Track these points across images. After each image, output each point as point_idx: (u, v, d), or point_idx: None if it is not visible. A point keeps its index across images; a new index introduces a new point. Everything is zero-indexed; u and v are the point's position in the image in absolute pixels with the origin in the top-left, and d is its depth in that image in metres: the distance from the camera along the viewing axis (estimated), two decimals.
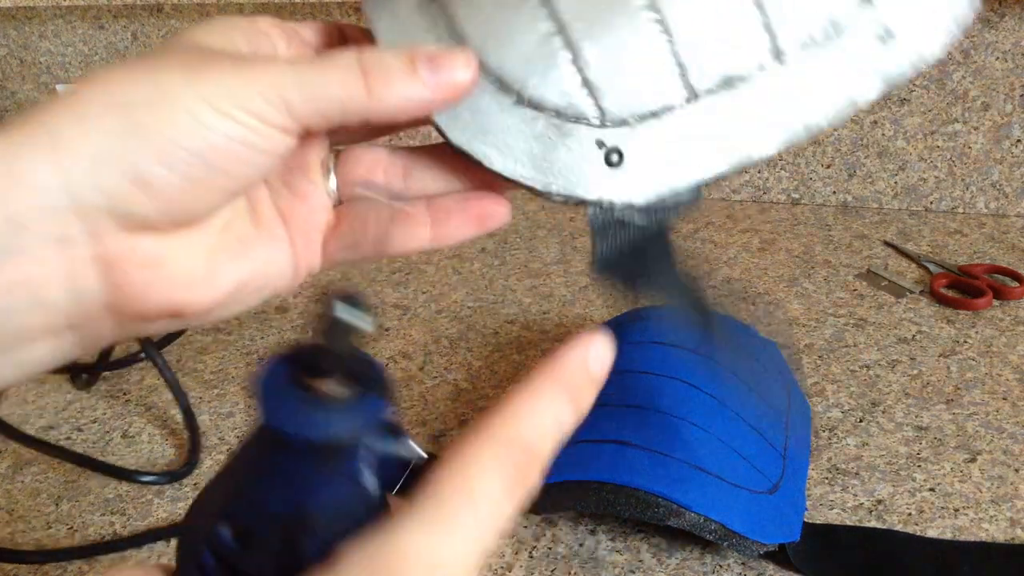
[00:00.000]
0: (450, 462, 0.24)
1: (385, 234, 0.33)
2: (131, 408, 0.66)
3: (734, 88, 0.31)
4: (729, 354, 0.57)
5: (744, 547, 0.46)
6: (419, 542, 0.22)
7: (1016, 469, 0.55)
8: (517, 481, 0.24)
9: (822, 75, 0.31)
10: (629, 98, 0.31)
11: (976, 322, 0.72)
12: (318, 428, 0.23)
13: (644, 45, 0.30)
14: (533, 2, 0.31)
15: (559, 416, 0.26)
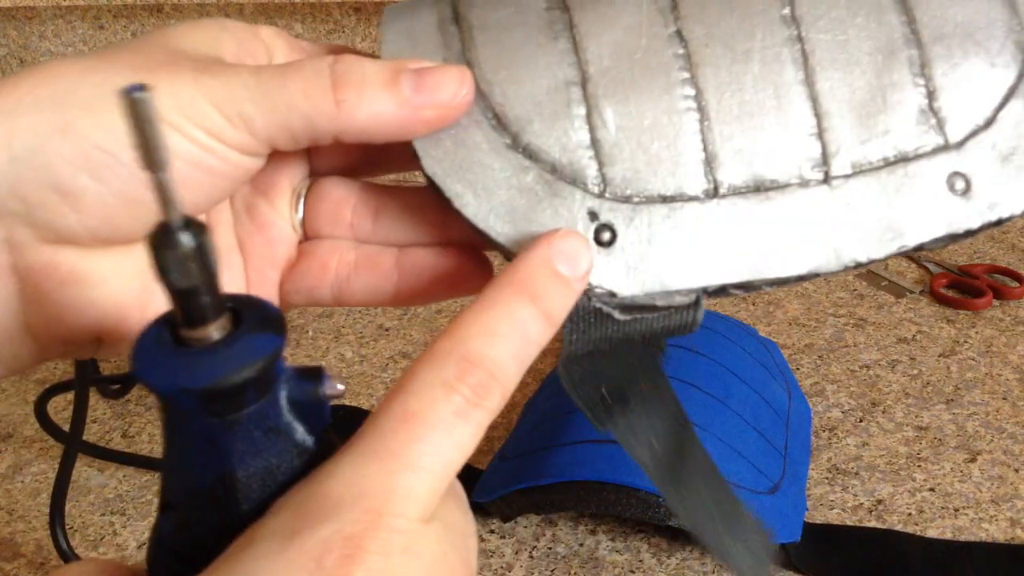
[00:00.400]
0: (394, 389, 0.22)
1: (346, 282, 0.29)
2: (131, 408, 0.66)
3: (766, 195, 0.27)
4: (728, 360, 0.57)
5: None
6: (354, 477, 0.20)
7: (1016, 469, 0.55)
8: (470, 401, 0.21)
9: (872, 206, 0.27)
10: (639, 174, 0.27)
11: (976, 322, 0.72)
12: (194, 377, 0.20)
13: (672, 120, 0.27)
14: (564, 44, 0.27)
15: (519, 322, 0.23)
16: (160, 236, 0.19)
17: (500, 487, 0.49)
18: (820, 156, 0.27)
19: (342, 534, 0.19)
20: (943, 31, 0.27)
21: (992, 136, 0.27)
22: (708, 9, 0.27)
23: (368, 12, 0.92)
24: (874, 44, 0.27)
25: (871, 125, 0.27)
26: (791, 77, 0.27)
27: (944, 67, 0.27)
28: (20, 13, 1.16)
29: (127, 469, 0.59)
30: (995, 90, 0.27)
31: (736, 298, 0.77)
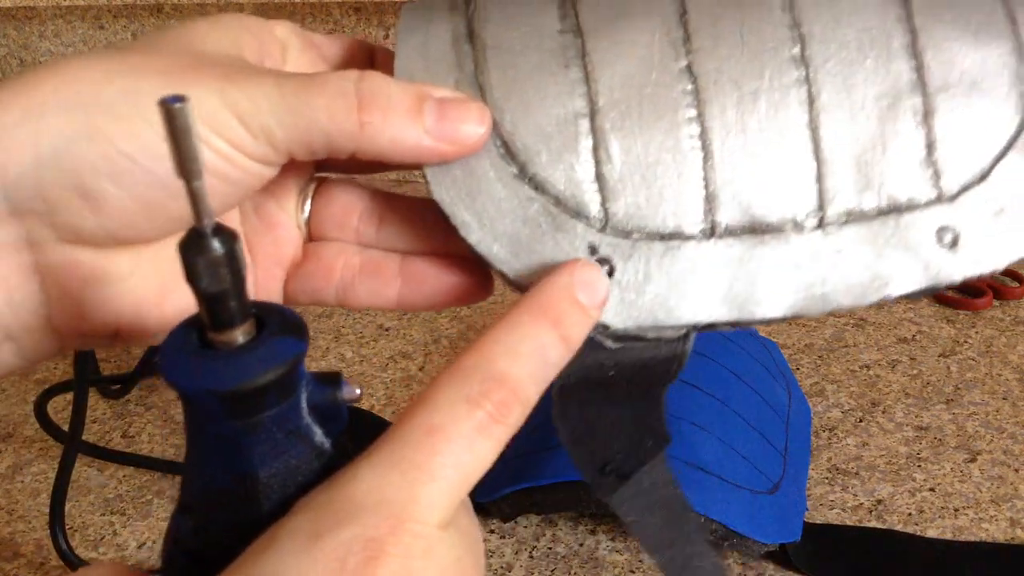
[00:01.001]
0: (417, 401, 0.22)
1: (350, 285, 0.30)
2: (131, 408, 0.66)
3: (761, 238, 0.27)
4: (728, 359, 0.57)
5: (744, 547, 0.46)
6: (376, 483, 0.21)
7: (1016, 469, 0.55)
8: (492, 417, 0.22)
9: (861, 254, 0.27)
10: (641, 210, 0.27)
11: (976, 322, 0.72)
12: (220, 379, 0.21)
13: (676, 158, 0.27)
14: (575, 75, 0.27)
15: (540, 345, 0.23)
16: (192, 242, 0.20)
17: (500, 487, 0.49)
18: (817, 202, 0.27)
19: (365, 537, 0.20)
20: (949, 79, 0.27)
21: (985, 191, 0.27)
22: (720, 44, 0.27)
23: (368, 12, 0.92)
24: (880, 89, 0.27)
25: (869, 173, 0.27)
26: (796, 120, 0.27)
27: (946, 118, 0.27)
28: (20, 13, 1.16)
29: (127, 469, 0.59)
30: (993, 143, 0.27)
31: None
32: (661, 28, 0.27)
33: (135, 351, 0.72)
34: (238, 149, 0.25)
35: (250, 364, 0.21)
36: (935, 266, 0.27)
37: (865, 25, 0.27)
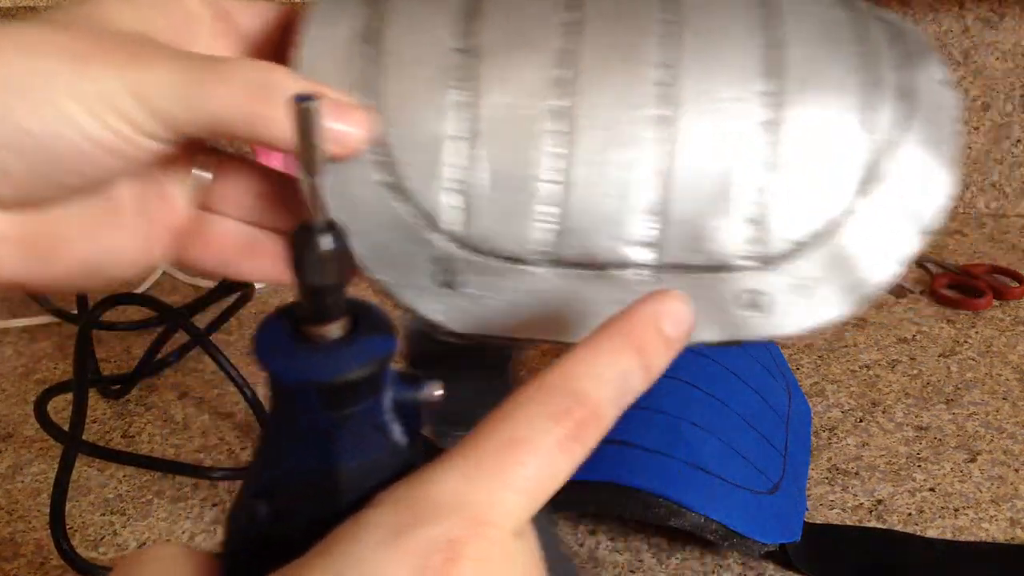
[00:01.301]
0: (499, 412, 0.23)
1: (231, 260, 0.31)
2: (131, 408, 0.66)
3: (595, 272, 0.29)
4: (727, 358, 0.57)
5: (745, 547, 0.46)
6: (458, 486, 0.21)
7: (1016, 469, 0.56)
8: (572, 435, 0.22)
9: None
10: (494, 232, 0.29)
11: (976, 322, 0.72)
12: (318, 370, 0.22)
13: (535, 192, 0.29)
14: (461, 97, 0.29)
15: (623, 371, 0.24)
16: (303, 236, 0.21)
17: None
18: (651, 252, 0.29)
19: (447, 537, 0.20)
20: (793, 159, 0.28)
21: (796, 265, 0.29)
22: (598, 91, 0.29)
23: None
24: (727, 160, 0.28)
25: (701, 233, 0.29)
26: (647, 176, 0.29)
27: (780, 194, 0.28)
28: (20, 13, 1.16)
29: (127, 469, 0.59)
30: (816, 224, 0.29)
31: None
32: (550, 64, 0.29)
33: (135, 351, 0.72)
34: (135, 129, 0.26)
35: (348, 358, 0.22)
36: (736, 325, 0.29)
37: (733, 96, 0.28)
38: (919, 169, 0.29)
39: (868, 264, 0.29)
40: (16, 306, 0.80)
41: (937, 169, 0.29)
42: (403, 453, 0.24)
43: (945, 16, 0.85)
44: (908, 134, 0.29)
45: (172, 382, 0.69)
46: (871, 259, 0.29)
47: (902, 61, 0.30)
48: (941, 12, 0.85)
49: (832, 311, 0.29)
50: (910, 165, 0.29)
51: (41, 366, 0.71)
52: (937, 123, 0.30)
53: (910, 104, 0.29)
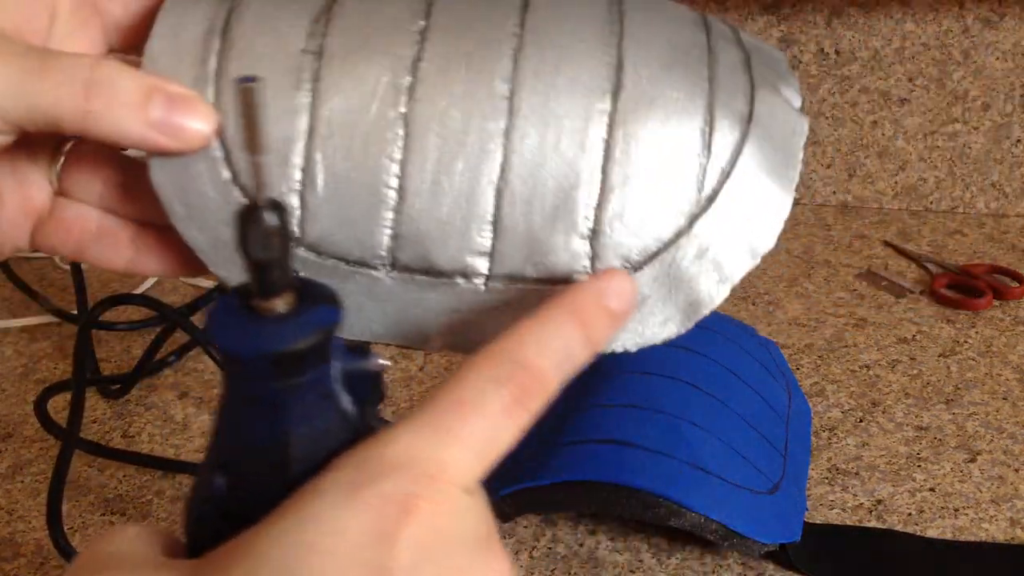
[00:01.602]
0: (451, 378, 0.24)
1: (86, 246, 0.32)
2: (131, 408, 0.66)
3: (433, 279, 0.30)
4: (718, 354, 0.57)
5: (745, 547, 0.46)
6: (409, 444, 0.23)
7: (1016, 469, 0.56)
8: (518, 400, 0.24)
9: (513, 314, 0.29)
10: (333, 236, 0.29)
11: (976, 322, 0.72)
12: (266, 341, 0.23)
13: (373, 196, 0.29)
14: (303, 98, 0.29)
15: (567, 341, 0.25)
16: (248, 213, 0.22)
17: (500, 487, 0.49)
18: (487, 262, 0.29)
19: (402, 491, 0.22)
20: (628, 177, 0.29)
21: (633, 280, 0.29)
22: (438, 98, 0.29)
23: None
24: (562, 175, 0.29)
25: (536, 246, 0.29)
26: (483, 186, 0.29)
27: (614, 212, 0.29)
28: None
29: (127, 469, 0.59)
30: (649, 243, 0.29)
31: (735, 298, 0.77)
32: (393, 70, 0.29)
33: (135, 351, 0.72)
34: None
35: (295, 328, 0.23)
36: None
37: (570, 112, 0.29)
38: (755, 193, 0.29)
39: (700, 284, 0.29)
40: (16, 306, 0.80)
41: (772, 194, 0.30)
42: (354, 421, 0.25)
43: (945, 16, 0.85)
44: (746, 159, 0.29)
45: (172, 382, 0.69)
46: (703, 279, 0.29)
47: (751, 87, 0.30)
48: (941, 12, 0.85)
49: (665, 330, 0.30)
50: (746, 189, 0.29)
51: (41, 366, 0.71)
52: (779, 148, 0.30)
53: (752, 129, 0.30)
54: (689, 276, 0.29)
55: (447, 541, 0.22)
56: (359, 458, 0.23)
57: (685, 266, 0.29)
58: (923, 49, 0.87)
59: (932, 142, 0.91)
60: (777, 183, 0.30)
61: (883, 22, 0.87)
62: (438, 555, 0.22)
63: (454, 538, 0.22)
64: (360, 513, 0.21)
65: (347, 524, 0.21)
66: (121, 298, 0.62)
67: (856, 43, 0.89)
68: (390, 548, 0.21)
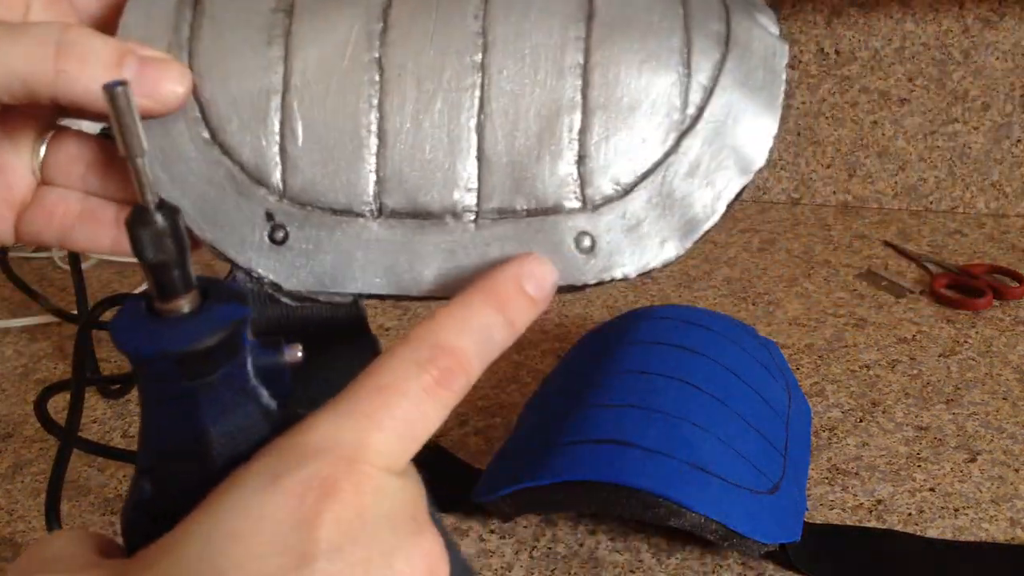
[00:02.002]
0: (372, 364, 0.24)
1: (70, 229, 0.32)
2: (131, 408, 0.66)
3: (421, 222, 0.29)
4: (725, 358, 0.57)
5: (745, 547, 0.46)
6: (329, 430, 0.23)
7: (1016, 469, 0.56)
8: (438, 381, 0.24)
9: (508, 248, 0.29)
10: (316, 186, 0.29)
11: (976, 322, 0.72)
12: (169, 341, 0.23)
13: (354, 142, 0.29)
14: (275, 53, 0.29)
15: (487, 325, 0.26)
16: (137, 216, 0.22)
17: (500, 487, 0.49)
18: (475, 198, 0.29)
19: (320, 475, 0.22)
20: (609, 100, 0.29)
21: (625, 206, 0.29)
22: (411, 41, 0.29)
23: None
24: (543, 102, 0.29)
25: (523, 177, 0.29)
26: (464, 122, 0.29)
27: (599, 135, 0.29)
28: None
29: (127, 469, 0.59)
30: (639, 165, 0.29)
31: (735, 298, 0.77)
32: (363, 18, 0.29)
33: None
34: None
35: (198, 327, 0.23)
36: (570, 267, 0.29)
37: (544, 41, 0.29)
38: (739, 112, 0.30)
39: (695, 203, 0.30)
40: (16, 306, 0.80)
41: (757, 111, 0.30)
42: (273, 415, 0.25)
43: (945, 16, 0.85)
44: (727, 78, 0.30)
45: None
46: (697, 199, 0.30)
47: (726, 12, 0.31)
48: (941, 12, 0.85)
49: (665, 252, 0.30)
50: (730, 105, 0.30)
51: (41, 366, 0.71)
52: (759, 69, 0.30)
53: (731, 51, 0.30)
54: (682, 194, 0.29)
55: (370, 522, 0.22)
56: (279, 447, 0.23)
57: (677, 184, 0.29)
58: (923, 49, 0.87)
59: (932, 142, 0.91)
60: (762, 100, 0.30)
61: (883, 22, 0.87)
62: (361, 536, 0.22)
63: (378, 519, 0.22)
64: (280, 499, 0.22)
65: (267, 511, 0.21)
66: (120, 299, 0.62)
67: (856, 43, 0.89)
68: (311, 531, 0.21)
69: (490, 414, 0.63)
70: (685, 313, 0.60)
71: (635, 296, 0.79)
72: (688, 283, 0.81)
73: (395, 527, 0.23)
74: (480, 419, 0.63)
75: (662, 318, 0.60)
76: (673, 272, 0.83)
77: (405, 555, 0.23)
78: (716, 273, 0.82)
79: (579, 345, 0.63)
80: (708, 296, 0.78)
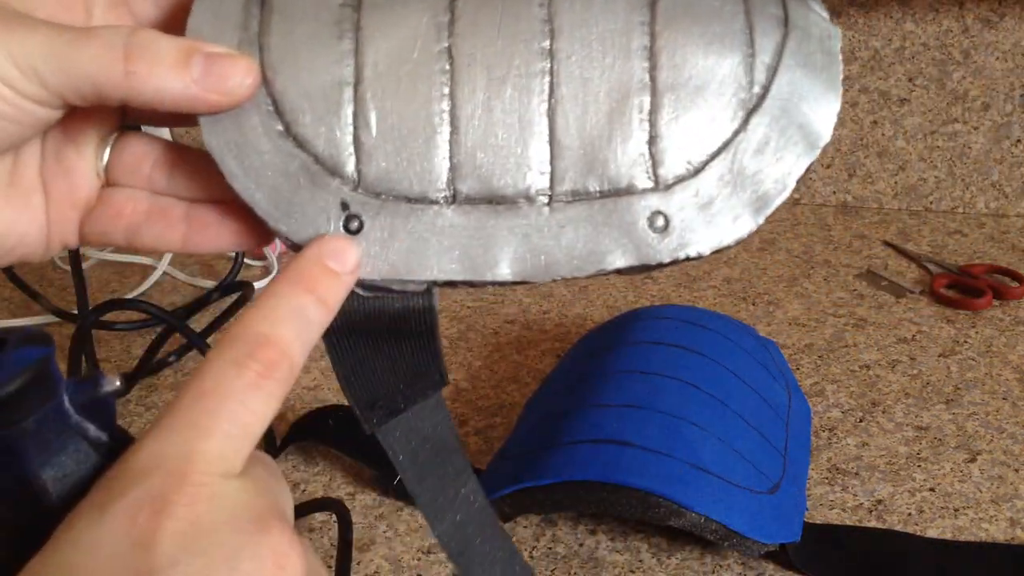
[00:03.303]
0: (193, 372, 0.24)
1: (138, 228, 0.32)
2: (131, 408, 0.66)
3: (495, 208, 0.30)
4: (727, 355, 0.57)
5: (745, 547, 0.46)
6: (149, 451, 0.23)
7: (1016, 469, 0.56)
8: (260, 373, 0.24)
9: (583, 230, 0.30)
10: (391, 174, 0.30)
11: (976, 322, 0.72)
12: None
13: (427, 130, 0.30)
14: (346, 46, 0.30)
15: (297, 307, 0.26)
16: None
17: (500, 487, 0.49)
18: (548, 181, 0.30)
19: (150, 494, 0.22)
20: (678, 81, 0.30)
21: (697, 184, 0.30)
22: (479, 31, 0.30)
23: None
24: (613, 85, 0.30)
25: (595, 159, 0.30)
26: (536, 106, 0.30)
27: (669, 116, 0.30)
28: None
29: None
30: (709, 143, 0.30)
31: (735, 298, 0.77)
32: (431, 10, 0.30)
33: (135, 351, 0.72)
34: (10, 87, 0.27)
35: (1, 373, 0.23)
36: (645, 246, 0.30)
37: (610, 26, 0.30)
38: (802, 90, 0.30)
39: (765, 180, 0.30)
40: (16, 306, 0.80)
41: (820, 89, 0.30)
42: (106, 447, 0.25)
43: (945, 16, 0.85)
44: (789, 58, 0.30)
45: (172, 382, 0.69)
46: (767, 175, 0.30)
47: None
48: (941, 12, 0.85)
49: (738, 228, 0.30)
50: (794, 83, 0.30)
51: None
52: (818, 50, 0.31)
53: (791, 32, 0.31)
54: (753, 171, 0.30)
55: (210, 530, 0.22)
56: (108, 476, 0.23)
57: (747, 162, 0.30)
58: (923, 49, 0.87)
59: (932, 142, 0.91)
60: (823, 79, 0.31)
61: (883, 22, 0.87)
62: (202, 544, 0.22)
63: (218, 524, 0.22)
64: (113, 525, 0.21)
65: (103, 539, 0.21)
66: (118, 303, 0.62)
67: (856, 43, 0.89)
68: (148, 550, 0.21)
69: (490, 414, 0.63)
70: (685, 313, 0.60)
71: (635, 296, 0.79)
72: (688, 283, 0.81)
73: (237, 529, 0.23)
74: (480, 419, 0.63)
75: (662, 318, 0.60)
76: (673, 272, 0.83)
77: (250, 554, 0.23)
78: (716, 273, 0.82)
79: (579, 345, 0.63)
80: (708, 296, 0.78)
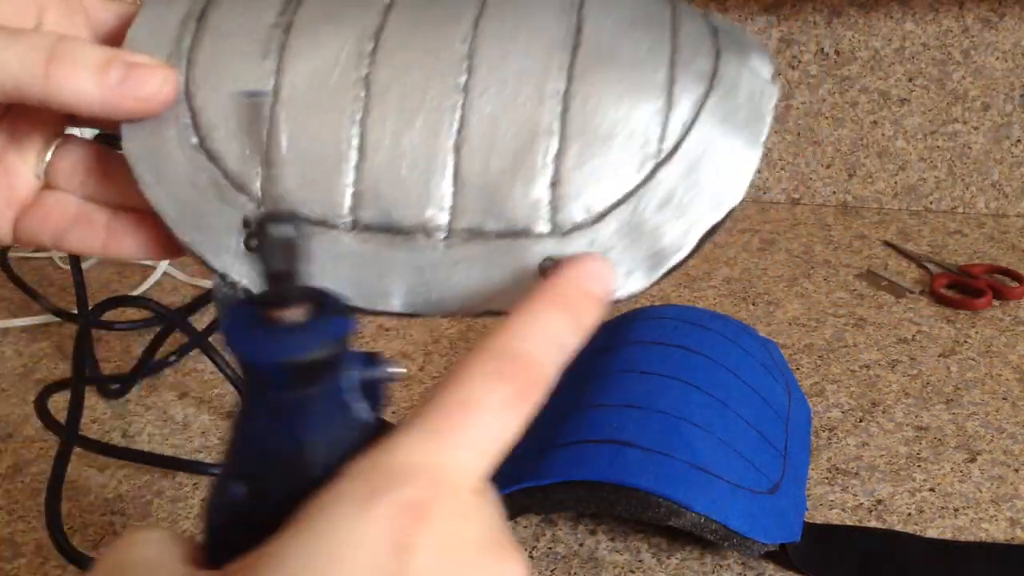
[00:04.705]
0: (448, 378, 0.24)
1: (64, 232, 0.33)
2: (131, 407, 0.66)
3: (393, 237, 0.30)
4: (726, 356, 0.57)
5: (744, 547, 0.46)
6: (416, 450, 0.23)
7: (1016, 469, 0.56)
8: (518, 394, 0.24)
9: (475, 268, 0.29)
10: (295, 195, 0.30)
11: (976, 322, 0.72)
12: (284, 350, 0.23)
13: (335, 155, 0.30)
14: (269, 65, 0.30)
15: (557, 330, 0.26)
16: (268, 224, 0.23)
17: (500, 487, 0.49)
18: (448, 217, 0.30)
19: (412, 500, 0.22)
20: (587, 128, 0.29)
21: (593, 234, 0.29)
22: (399, 61, 0.30)
23: None
24: (522, 126, 0.29)
25: (496, 198, 0.29)
26: (443, 141, 0.30)
27: (573, 162, 0.29)
28: None
29: (127, 469, 0.59)
30: (611, 193, 0.29)
31: (735, 298, 0.77)
32: (356, 37, 0.30)
33: (135, 351, 0.72)
34: None
35: (312, 338, 0.23)
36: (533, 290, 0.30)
37: (529, 67, 0.29)
38: (719, 145, 0.30)
39: (664, 236, 0.29)
40: (16, 306, 0.80)
41: (738, 147, 0.30)
42: (368, 429, 0.25)
43: (945, 16, 0.85)
44: (708, 114, 0.30)
45: (172, 382, 0.69)
46: (666, 231, 0.29)
47: (716, 51, 0.31)
48: (941, 12, 0.85)
49: (630, 284, 0.30)
50: (709, 141, 0.29)
51: (41, 366, 0.71)
52: (745, 106, 0.30)
53: (716, 85, 0.30)
54: (653, 225, 0.29)
55: (460, 545, 0.22)
56: (368, 466, 0.23)
57: (648, 215, 0.29)
58: (923, 49, 0.87)
59: (932, 142, 0.91)
60: (743, 138, 0.30)
61: (883, 22, 0.87)
62: (453, 559, 0.22)
63: (466, 541, 0.23)
64: (375, 524, 0.22)
65: (364, 535, 0.21)
66: (119, 300, 0.62)
67: (856, 43, 0.89)
68: (409, 557, 0.21)
69: None
70: (685, 313, 0.60)
71: None
72: (688, 283, 0.81)
73: (482, 550, 0.23)
74: None
75: (662, 318, 0.60)
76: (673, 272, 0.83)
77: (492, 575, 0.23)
78: (716, 273, 0.82)
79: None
80: (708, 296, 0.78)
